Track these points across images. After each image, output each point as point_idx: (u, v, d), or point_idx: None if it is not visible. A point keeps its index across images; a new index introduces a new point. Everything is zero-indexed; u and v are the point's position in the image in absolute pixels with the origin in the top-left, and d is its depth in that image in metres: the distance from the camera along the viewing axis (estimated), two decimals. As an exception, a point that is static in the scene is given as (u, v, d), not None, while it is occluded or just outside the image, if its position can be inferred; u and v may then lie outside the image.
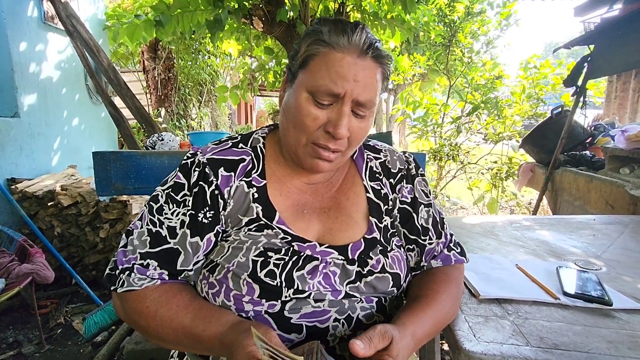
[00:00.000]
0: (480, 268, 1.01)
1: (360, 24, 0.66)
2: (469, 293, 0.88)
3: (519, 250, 1.20)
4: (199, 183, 0.71)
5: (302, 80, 0.67)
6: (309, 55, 0.66)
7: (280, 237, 0.69)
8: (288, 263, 0.66)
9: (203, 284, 0.68)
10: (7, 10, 2.99)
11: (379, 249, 0.72)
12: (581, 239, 1.33)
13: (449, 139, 4.55)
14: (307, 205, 0.75)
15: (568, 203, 2.72)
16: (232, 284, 0.65)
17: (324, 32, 0.65)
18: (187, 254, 0.68)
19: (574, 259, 1.12)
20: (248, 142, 0.78)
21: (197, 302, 0.66)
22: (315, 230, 0.73)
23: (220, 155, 0.74)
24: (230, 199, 0.71)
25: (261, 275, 0.64)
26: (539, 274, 0.96)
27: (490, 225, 1.49)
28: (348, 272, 0.68)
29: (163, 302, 0.65)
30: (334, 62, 0.64)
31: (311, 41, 0.66)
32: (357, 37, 0.64)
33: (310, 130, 0.67)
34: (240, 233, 0.69)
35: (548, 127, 3.08)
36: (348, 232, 0.73)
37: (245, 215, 0.71)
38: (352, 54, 0.64)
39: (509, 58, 15.24)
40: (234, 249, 0.67)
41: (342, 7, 3.46)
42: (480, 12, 4.37)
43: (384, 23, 3.58)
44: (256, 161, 0.75)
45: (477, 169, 4.57)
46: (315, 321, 0.65)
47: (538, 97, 4.38)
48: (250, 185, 0.73)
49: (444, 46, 4.54)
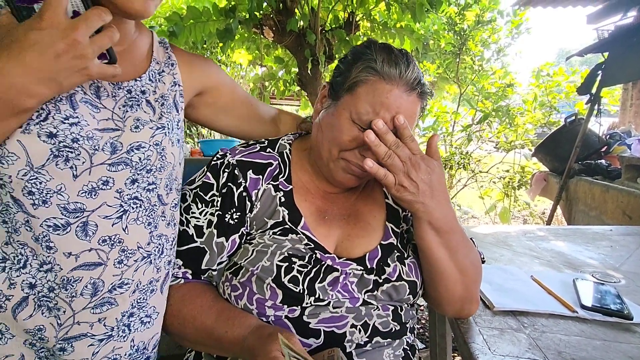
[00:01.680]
0: (494, 279, 0.98)
1: (411, 58, 0.67)
2: (483, 305, 0.86)
3: (534, 261, 1.17)
4: (228, 184, 0.73)
5: (347, 102, 0.68)
6: (358, 81, 0.67)
7: (304, 242, 0.70)
8: (310, 272, 0.66)
9: (225, 286, 0.69)
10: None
11: (396, 255, 0.72)
12: (598, 250, 1.30)
13: (460, 148, 4.51)
14: (329, 211, 0.77)
15: (583, 213, 2.66)
16: (255, 288, 0.65)
17: (377, 62, 0.65)
18: (213, 253, 0.70)
19: (591, 270, 1.09)
20: (275, 147, 0.80)
21: (220, 303, 0.67)
22: (335, 235, 0.74)
23: (250, 157, 0.76)
24: (257, 201, 0.73)
25: (285, 280, 0.64)
26: (555, 286, 0.94)
27: (504, 235, 1.46)
28: (366, 281, 0.68)
29: (187, 301, 0.67)
30: (381, 93, 0.65)
31: (362, 68, 0.66)
32: (409, 72, 0.65)
33: (347, 148, 0.69)
34: (264, 236, 0.70)
35: (562, 135, 3.04)
36: (365, 238, 0.74)
37: (271, 218, 0.72)
38: (401, 87, 0.65)
39: (520, 66, 15.34)
40: (258, 253, 0.68)
41: (351, 16, 3.49)
42: (491, 20, 4.36)
43: (393, 32, 3.61)
44: (283, 166, 0.77)
45: (488, 178, 4.52)
46: (333, 326, 0.65)
47: (551, 105, 4.33)
48: (277, 189, 0.74)
49: (454, 54, 4.54)
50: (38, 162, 0.50)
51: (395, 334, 0.69)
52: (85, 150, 0.53)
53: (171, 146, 0.64)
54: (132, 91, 0.61)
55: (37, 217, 0.51)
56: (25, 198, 0.50)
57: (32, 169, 0.50)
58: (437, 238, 0.67)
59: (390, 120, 0.65)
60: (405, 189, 0.63)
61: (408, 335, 0.72)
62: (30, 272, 0.53)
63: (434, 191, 0.64)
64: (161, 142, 0.62)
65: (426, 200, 0.64)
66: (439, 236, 0.67)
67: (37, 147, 0.49)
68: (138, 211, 0.61)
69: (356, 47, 0.72)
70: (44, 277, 0.53)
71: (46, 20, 0.43)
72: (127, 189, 0.59)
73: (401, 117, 0.63)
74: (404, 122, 0.63)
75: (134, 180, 0.59)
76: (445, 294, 0.71)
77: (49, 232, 0.53)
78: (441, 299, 0.73)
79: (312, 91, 3.68)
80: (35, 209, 0.51)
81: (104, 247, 0.57)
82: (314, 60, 3.39)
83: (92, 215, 0.55)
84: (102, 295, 0.58)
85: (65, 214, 0.53)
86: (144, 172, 0.60)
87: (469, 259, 0.71)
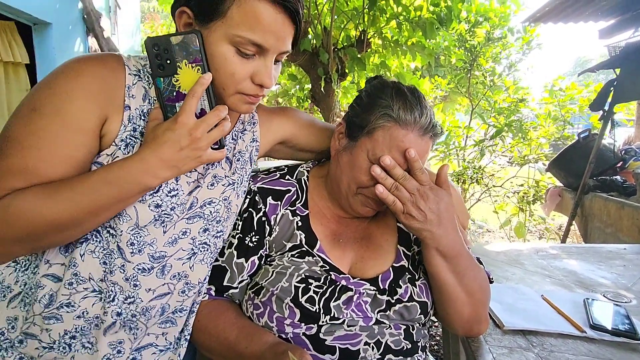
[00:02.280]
0: (504, 298, 1.01)
1: (424, 101, 0.73)
2: (493, 324, 0.89)
3: (545, 280, 1.19)
4: (249, 209, 0.79)
5: (365, 144, 0.73)
6: (377, 126, 0.72)
7: (319, 264, 0.75)
8: (326, 292, 0.71)
9: (248, 304, 0.75)
10: (57, 46, 3.30)
11: (407, 277, 0.77)
12: (611, 269, 1.30)
13: (472, 162, 4.50)
14: (343, 235, 0.82)
15: (599, 230, 2.63)
16: (275, 307, 0.71)
17: (394, 109, 0.71)
18: (233, 272, 0.76)
19: (602, 290, 1.10)
20: (294, 174, 0.86)
21: (241, 320, 0.73)
22: (349, 258, 0.79)
23: (270, 185, 0.83)
24: (276, 225, 0.79)
25: (302, 300, 0.70)
26: (566, 306, 0.96)
27: (516, 253, 1.47)
28: (379, 301, 0.73)
29: (212, 318, 0.73)
30: (397, 137, 0.71)
31: (380, 115, 0.72)
32: (423, 117, 0.71)
33: (365, 186, 0.74)
34: (283, 258, 0.76)
35: (575, 150, 3.02)
36: (378, 260, 0.79)
37: (289, 241, 0.78)
38: (415, 132, 0.71)
39: (533, 80, 15.23)
40: (277, 274, 0.73)
41: (363, 34, 3.59)
42: (501, 37, 4.40)
43: (405, 49, 3.68)
44: (300, 192, 0.83)
45: (502, 192, 4.48)
46: (347, 344, 0.69)
47: (564, 119, 4.31)
48: (295, 214, 0.80)
49: (465, 70, 4.58)
50: (143, 223, 0.63)
51: (407, 352, 0.73)
52: (176, 215, 0.66)
53: (236, 199, 0.76)
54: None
55: (131, 262, 0.63)
56: (127, 247, 0.62)
57: (137, 227, 0.62)
58: (445, 263, 0.71)
59: (402, 155, 0.70)
60: (413, 218, 0.68)
61: (420, 354, 0.76)
62: (117, 304, 0.63)
63: (441, 220, 0.69)
64: (229, 197, 0.73)
65: (433, 228, 0.68)
66: (446, 261, 0.71)
67: (145, 213, 0.62)
68: (205, 254, 0.72)
69: (371, 90, 0.77)
70: (127, 307, 0.64)
71: (178, 123, 0.57)
72: (199, 236, 0.70)
73: (412, 151, 0.68)
74: (414, 156, 0.68)
75: (206, 229, 0.70)
76: (454, 315, 0.75)
77: (138, 274, 0.64)
78: (450, 319, 0.76)
79: (325, 107, 3.77)
80: (132, 256, 0.63)
81: (174, 280, 0.68)
82: (327, 77, 3.48)
83: (169, 259, 0.67)
84: (167, 315, 0.70)
85: (152, 260, 0.65)
86: (214, 223, 0.71)
87: (477, 281, 0.75)
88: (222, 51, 0.59)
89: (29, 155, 0.55)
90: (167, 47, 0.59)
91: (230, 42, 0.59)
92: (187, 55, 0.59)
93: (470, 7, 4.06)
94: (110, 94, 0.60)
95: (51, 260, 0.62)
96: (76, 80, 0.58)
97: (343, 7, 3.58)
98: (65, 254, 0.62)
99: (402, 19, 3.38)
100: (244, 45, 0.59)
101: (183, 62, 0.59)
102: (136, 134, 0.62)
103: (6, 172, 0.55)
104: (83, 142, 0.58)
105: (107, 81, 0.60)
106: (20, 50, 3.12)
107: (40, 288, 0.60)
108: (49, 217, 0.54)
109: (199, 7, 0.59)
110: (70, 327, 0.62)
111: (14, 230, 0.54)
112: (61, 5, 3.34)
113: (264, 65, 0.62)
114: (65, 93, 0.57)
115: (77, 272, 0.61)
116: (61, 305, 0.61)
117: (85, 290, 0.62)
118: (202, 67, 0.60)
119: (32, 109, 0.56)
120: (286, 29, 0.61)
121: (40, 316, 0.61)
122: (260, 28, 0.58)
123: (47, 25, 3.22)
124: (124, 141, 0.61)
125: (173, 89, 0.60)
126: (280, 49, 0.62)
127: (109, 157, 0.60)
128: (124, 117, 0.61)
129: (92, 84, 0.58)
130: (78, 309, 0.61)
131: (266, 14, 0.58)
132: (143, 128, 0.63)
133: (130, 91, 0.62)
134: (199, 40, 0.59)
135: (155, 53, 0.59)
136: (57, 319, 0.61)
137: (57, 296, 0.61)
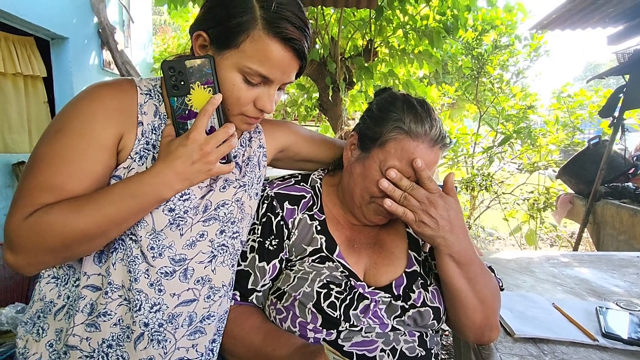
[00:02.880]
0: (515, 306, 1.01)
1: (433, 113, 0.75)
2: (504, 331, 0.89)
3: (557, 289, 1.18)
4: (267, 214, 0.82)
5: (377, 156, 0.76)
6: (389, 139, 0.74)
7: (340, 270, 0.77)
8: (346, 299, 0.73)
9: (271, 309, 0.77)
10: (72, 60, 3.40)
11: (420, 282, 0.78)
12: (624, 277, 1.29)
13: (481, 169, 4.48)
14: (357, 240, 0.84)
15: (612, 237, 2.59)
16: (298, 312, 0.73)
17: (405, 122, 0.73)
18: (256, 276, 0.78)
19: (615, 298, 1.09)
20: (308, 181, 0.89)
21: (267, 324, 0.75)
22: (363, 263, 0.81)
23: (286, 190, 0.86)
24: (294, 229, 0.81)
25: (324, 305, 0.72)
26: (577, 314, 0.96)
27: (526, 261, 1.47)
28: (394, 307, 0.74)
29: (238, 323, 0.75)
30: (408, 149, 0.73)
31: (392, 128, 0.74)
32: (433, 129, 0.73)
33: (377, 195, 0.76)
34: (304, 264, 0.78)
35: (586, 157, 3.00)
36: (390, 266, 0.81)
37: (309, 244, 0.80)
38: (426, 143, 0.73)
39: (541, 86, 15.06)
40: (299, 279, 0.75)
41: (370, 44, 3.64)
42: (508, 45, 4.42)
43: (412, 57, 3.72)
44: (315, 199, 0.86)
45: (512, 199, 4.45)
46: (364, 350, 0.71)
47: (574, 125, 4.28)
48: (313, 219, 0.83)
49: (473, 78, 4.59)
50: (159, 227, 0.66)
51: (421, 359, 0.74)
52: (190, 217, 0.69)
53: (249, 200, 0.78)
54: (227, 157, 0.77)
55: (154, 267, 0.66)
56: (148, 252, 0.66)
57: (154, 232, 0.66)
58: (458, 269, 0.72)
59: (410, 166, 0.72)
60: (426, 225, 0.70)
61: None
62: (143, 313, 0.66)
63: (453, 226, 0.71)
64: (241, 198, 0.77)
65: (446, 234, 0.70)
66: (459, 267, 0.72)
67: (160, 218, 0.66)
68: (224, 256, 0.74)
69: (382, 103, 0.80)
70: (154, 316, 0.66)
71: (190, 139, 0.62)
72: (217, 238, 0.73)
73: (419, 161, 0.71)
74: (421, 165, 0.71)
75: (222, 231, 0.74)
76: (466, 322, 0.76)
77: (161, 278, 0.67)
78: (462, 326, 0.77)
79: (333, 115, 3.81)
80: (154, 260, 0.66)
81: (198, 285, 0.70)
82: (335, 86, 3.52)
83: (190, 262, 0.70)
84: (195, 324, 0.71)
85: (173, 263, 0.68)
86: (229, 224, 0.74)
87: (488, 288, 0.76)
88: (231, 78, 0.64)
89: (57, 172, 0.60)
90: (182, 69, 0.63)
91: (239, 71, 0.64)
92: (200, 77, 0.64)
93: (476, 15, 4.09)
94: (125, 112, 0.66)
95: (88, 271, 0.65)
96: (96, 101, 0.64)
97: (350, 18, 3.64)
98: (99, 264, 0.66)
99: (409, 28, 3.42)
100: (252, 75, 0.64)
101: (196, 83, 0.64)
102: (149, 147, 0.67)
103: (37, 189, 0.59)
104: (104, 157, 0.63)
105: (122, 101, 0.66)
106: (38, 64, 3.23)
107: (82, 299, 0.64)
108: (78, 228, 0.58)
109: (216, 35, 0.64)
110: (108, 335, 0.65)
111: (46, 241, 0.58)
112: (78, 20, 3.46)
113: (267, 93, 0.67)
114: (87, 114, 0.63)
115: (111, 281, 0.65)
116: (99, 314, 0.64)
117: (119, 298, 0.65)
118: (213, 88, 0.64)
119: (58, 130, 0.62)
120: (292, 65, 0.66)
121: (83, 325, 0.64)
122: (269, 63, 0.63)
123: (64, 40, 3.33)
124: (138, 154, 0.66)
125: (185, 108, 0.65)
126: (284, 81, 0.68)
127: (126, 170, 0.65)
128: (137, 132, 0.67)
129: (110, 104, 0.64)
130: (115, 316, 0.65)
131: (276, 52, 0.63)
132: (155, 141, 0.68)
133: (142, 109, 0.68)
134: (212, 65, 0.63)
135: (170, 75, 0.64)
136: (96, 327, 0.64)
137: (96, 305, 0.65)
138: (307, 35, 0.66)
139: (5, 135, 3.08)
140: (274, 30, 0.62)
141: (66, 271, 0.69)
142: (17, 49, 3.05)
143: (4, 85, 3.02)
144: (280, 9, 0.62)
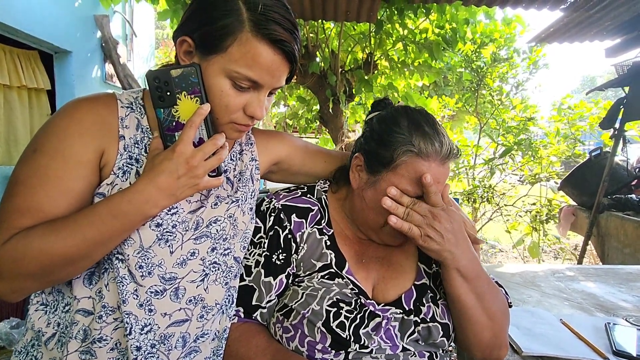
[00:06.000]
0: (522, 322, 0.98)
1: (440, 128, 0.73)
2: (511, 349, 0.87)
3: (563, 304, 1.15)
4: (274, 227, 0.79)
5: (389, 179, 0.72)
6: (399, 163, 0.71)
7: (349, 287, 0.75)
8: (356, 318, 0.70)
9: (277, 327, 0.74)
10: (76, 73, 3.43)
11: (430, 296, 0.76)
12: (632, 291, 1.26)
13: (482, 181, 4.47)
14: (365, 254, 0.82)
15: (617, 250, 2.56)
16: (307, 330, 0.70)
17: (415, 144, 0.70)
18: (261, 292, 0.75)
19: (624, 314, 1.07)
20: (314, 193, 0.86)
21: (273, 344, 0.72)
22: (372, 278, 0.79)
23: (293, 202, 0.83)
24: (303, 243, 0.79)
25: (333, 325, 0.69)
26: (586, 330, 0.93)
27: (531, 275, 1.44)
28: (407, 323, 0.72)
29: (243, 342, 0.72)
30: (420, 169, 0.70)
31: (402, 151, 0.71)
32: (443, 147, 0.71)
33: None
34: (313, 280, 0.75)
35: (587, 169, 2.98)
36: (398, 279, 0.78)
37: (319, 260, 0.77)
38: (437, 160, 0.71)
39: (541, 98, 15.10)
40: (307, 296, 0.72)
41: (370, 57, 3.67)
42: (507, 58, 4.45)
43: (412, 69, 3.74)
44: (322, 212, 0.83)
45: (514, 211, 4.42)
46: None
47: (575, 137, 4.28)
48: (322, 233, 0.80)
49: (472, 90, 4.62)
50: (147, 244, 0.63)
51: None
52: (179, 232, 0.66)
53: (242, 216, 0.75)
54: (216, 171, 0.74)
55: (143, 286, 0.63)
56: (136, 271, 0.62)
57: (142, 249, 0.63)
58: (465, 284, 0.70)
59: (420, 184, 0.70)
60: (432, 239, 0.68)
61: None
62: (134, 337, 0.62)
63: (458, 239, 0.69)
64: (234, 214, 0.73)
65: (452, 248, 0.68)
66: (467, 282, 0.70)
67: (147, 234, 0.63)
68: (216, 274, 0.71)
69: (384, 122, 0.77)
70: (145, 338, 0.63)
71: (176, 152, 0.59)
72: (208, 256, 0.69)
73: (428, 176, 0.68)
74: (430, 181, 0.68)
75: (214, 249, 0.70)
76: (474, 339, 0.73)
77: (151, 297, 0.64)
78: (470, 344, 0.75)
79: (333, 128, 3.82)
80: (142, 279, 0.63)
81: (190, 305, 0.67)
82: (335, 99, 3.54)
83: (182, 282, 0.66)
84: (189, 345, 0.68)
85: (163, 282, 0.65)
86: (221, 241, 0.71)
87: (497, 304, 0.73)
88: (219, 84, 0.61)
89: (33, 193, 0.57)
90: (167, 79, 0.61)
91: (227, 76, 0.61)
92: (186, 87, 0.61)
93: (475, 28, 4.14)
94: (105, 126, 0.63)
95: (78, 295, 0.62)
96: (71, 117, 0.61)
97: (350, 31, 3.68)
98: (90, 287, 0.63)
99: (408, 41, 3.45)
100: (240, 80, 0.61)
101: (182, 93, 0.61)
102: (132, 161, 0.64)
103: (14, 212, 0.57)
104: (82, 174, 0.60)
105: (101, 115, 0.63)
106: (42, 77, 3.26)
107: (75, 324, 0.61)
108: (58, 252, 0.55)
109: (201, 39, 0.61)
110: None
111: (26, 267, 0.55)
112: (81, 34, 3.50)
113: (257, 98, 0.64)
114: (62, 130, 0.60)
115: (105, 304, 0.61)
116: (94, 340, 0.61)
117: (115, 321, 0.62)
118: (200, 98, 0.61)
119: (34, 150, 0.60)
120: (282, 69, 0.63)
121: (77, 353, 0.61)
122: (258, 67, 0.61)
123: (67, 54, 3.36)
124: (121, 169, 0.63)
125: (172, 119, 0.62)
126: (274, 85, 0.65)
127: (109, 186, 0.62)
128: (119, 147, 0.64)
129: (85, 118, 0.61)
130: (110, 341, 0.62)
131: (265, 54, 0.60)
132: (138, 155, 0.65)
133: (123, 122, 0.65)
134: (198, 73, 0.61)
135: (155, 86, 0.61)
136: (91, 354, 0.61)
137: (90, 331, 0.61)
138: (296, 38, 0.63)
139: (11, 147, 3.08)
140: (262, 32, 0.59)
141: (55, 297, 0.65)
142: (22, 62, 3.08)
143: (9, 97, 3.04)
144: (268, 10, 0.60)
